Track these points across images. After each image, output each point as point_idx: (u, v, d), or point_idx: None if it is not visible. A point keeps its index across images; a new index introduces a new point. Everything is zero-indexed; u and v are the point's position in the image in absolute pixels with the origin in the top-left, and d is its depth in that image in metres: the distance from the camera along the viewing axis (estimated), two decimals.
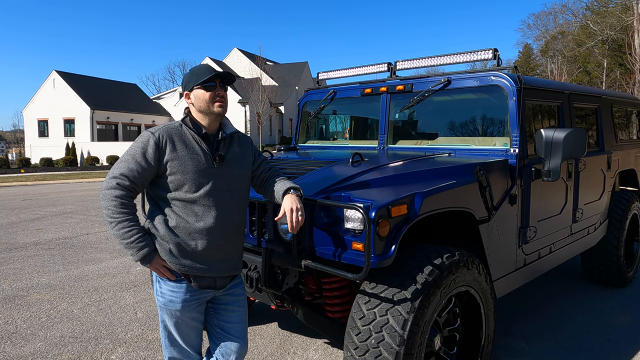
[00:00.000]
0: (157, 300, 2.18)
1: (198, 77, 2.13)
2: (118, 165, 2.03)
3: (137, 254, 2.01)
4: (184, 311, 2.15)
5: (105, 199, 1.99)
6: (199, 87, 2.13)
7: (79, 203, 11.73)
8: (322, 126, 4.98)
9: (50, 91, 38.08)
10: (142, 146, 2.04)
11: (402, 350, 2.21)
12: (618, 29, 30.84)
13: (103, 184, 2.02)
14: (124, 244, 2.01)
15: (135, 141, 2.07)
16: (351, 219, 2.33)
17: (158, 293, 2.17)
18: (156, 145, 2.03)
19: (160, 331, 2.27)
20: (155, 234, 2.09)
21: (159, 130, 2.09)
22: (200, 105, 2.14)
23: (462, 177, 2.79)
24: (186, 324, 2.20)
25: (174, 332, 2.21)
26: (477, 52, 3.50)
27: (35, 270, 5.75)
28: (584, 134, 3.13)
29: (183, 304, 2.13)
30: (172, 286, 2.12)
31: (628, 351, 3.55)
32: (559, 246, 3.83)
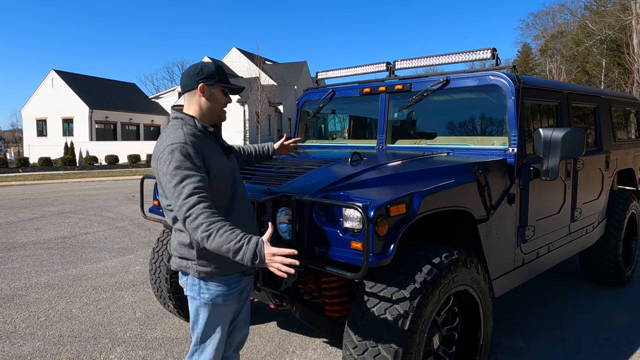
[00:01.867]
0: (201, 298, 2.12)
1: (223, 79, 2.12)
2: (182, 189, 1.89)
3: (249, 248, 1.82)
4: (229, 304, 2.18)
5: (195, 219, 1.85)
6: (220, 89, 2.13)
7: (78, 202, 11.72)
8: (321, 125, 4.98)
9: (48, 90, 38.05)
10: (184, 157, 1.94)
11: (401, 349, 2.22)
12: (616, 29, 30.87)
13: (181, 216, 1.87)
14: (232, 246, 1.82)
15: (173, 160, 1.92)
16: (350, 218, 2.34)
17: (202, 291, 2.11)
18: (194, 149, 1.98)
19: (195, 333, 2.20)
20: None
21: (184, 136, 2.00)
22: (214, 105, 2.13)
23: (461, 176, 2.79)
24: (227, 318, 2.22)
25: (216, 327, 2.19)
26: (475, 51, 3.50)
27: (34, 269, 5.75)
28: (582, 134, 3.13)
29: (228, 296, 2.16)
30: (219, 281, 2.12)
31: (626, 350, 3.56)
32: (558, 245, 3.84)
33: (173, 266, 2.21)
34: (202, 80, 2.10)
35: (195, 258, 2.09)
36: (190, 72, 2.13)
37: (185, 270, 2.15)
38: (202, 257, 2.08)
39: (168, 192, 1.96)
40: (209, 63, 2.17)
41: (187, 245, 2.09)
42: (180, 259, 2.16)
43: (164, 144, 2.00)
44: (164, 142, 2.02)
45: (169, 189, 1.94)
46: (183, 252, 2.12)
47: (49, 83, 38.14)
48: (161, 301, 3.85)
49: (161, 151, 2.00)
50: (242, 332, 2.44)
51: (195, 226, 1.86)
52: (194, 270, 2.11)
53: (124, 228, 8.37)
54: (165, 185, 1.97)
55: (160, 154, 2.00)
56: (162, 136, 2.09)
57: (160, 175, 1.99)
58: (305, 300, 2.97)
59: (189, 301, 2.22)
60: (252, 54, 43.96)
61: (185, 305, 3.75)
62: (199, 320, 2.18)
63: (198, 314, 2.18)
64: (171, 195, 1.94)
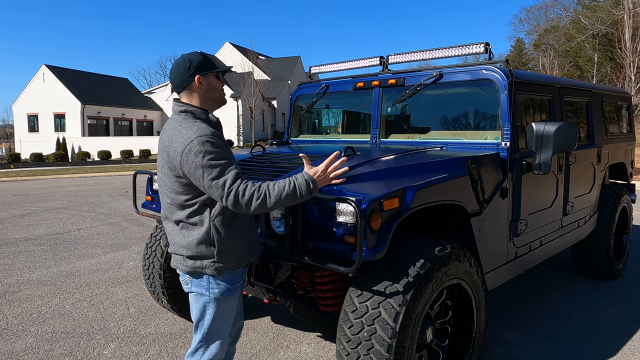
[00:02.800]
0: (210, 293, 2.11)
1: (213, 65, 2.12)
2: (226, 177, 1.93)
3: (300, 182, 2.02)
4: (234, 297, 2.21)
5: (244, 194, 1.92)
6: (214, 75, 2.13)
7: (70, 198, 11.65)
8: (314, 120, 4.96)
9: (40, 85, 37.69)
10: (218, 148, 1.97)
11: (394, 342, 2.23)
12: (608, 24, 31.00)
13: (231, 200, 1.92)
14: (289, 190, 1.98)
15: (208, 152, 1.93)
16: (343, 213, 2.34)
17: (212, 286, 2.11)
18: (216, 137, 2.00)
19: (201, 330, 2.19)
20: (226, 236, 2.07)
21: (208, 129, 2.01)
22: (213, 93, 2.14)
23: (454, 170, 2.80)
24: (233, 310, 2.24)
25: (223, 321, 2.20)
26: (468, 45, 3.50)
27: (26, 266, 5.71)
28: (574, 128, 3.15)
29: (236, 290, 2.19)
30: (229, 275, 2.14)
31: (617, 342, 3.60)
32: (550, 239, 3.87)
33: (183, 269, 2.14)
34: (196, 73, 2.08)
35: (214, 255, 2.06)
36: (180, 69, 2.09)
37: (200, 272, 2.10)
38: (221, 253, 2.07)
39: (206, 184, 1.94)
40: (194, 55, 2.13)
41: (205, 242, 2.05)
42: (193, 260, 2.09)
43: (189, 137, 1.96)
44: (187, 135, 1.98)
45: (208, 180, 1.93)
46: (200, 250, 2.06)
47: (40, 78, 37.75)
48: (155, 297, 3.84)
49: (187, 144, 1.95)
50: (237, 323, 2.46)
51: (248, 198, 1.93)
52: (211, 269, 2.07)
53: (117, 224, 8.33)
54: (201, 178, 1.94)
55: (187, 148, 1.95)
56: (179, 130, 2.02)
57: (192, 169, 1.94)
58: (299, 295, 2.98)
59: (193, 298, 2.19)
60: (245, 49, 43.72)
61: (178, 300, 3.75)
62: (206, 316, 2.16)
63: (205, 310, 2.16)
64: (211, 187, 1.94)
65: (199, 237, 2.05)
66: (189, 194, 2.04)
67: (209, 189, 1.95)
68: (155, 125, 42.54)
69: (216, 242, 2.05)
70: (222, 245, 2.06)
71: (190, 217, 2.06)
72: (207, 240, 2.05)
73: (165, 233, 3.68)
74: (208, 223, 2.04)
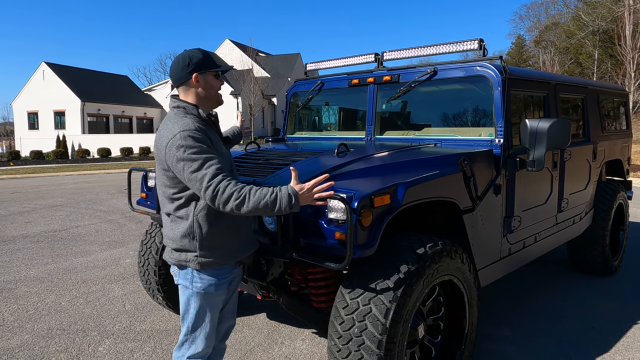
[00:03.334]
0: (193, 287, 2.15)
1: (213, 64, 2.14)
2: (205, 171, 1.93)
3: (283, 194, 1.97)
4: (219, 293, 2.21)
5: (224, 192, 1.91)
6: (212, 74, 2.15)
7: (69, 196, 11.66)
8: (311, 117, 4.96)
9: (39, 83, 37.68)
10: (200, 142, 1.98)
11: (385, 338, 2.23)
12: (609, 20, 30.92)
13: (209, 194, 1.92)
14: (269, 199, 1.94)
15: (189, 146, 1.95)
16: (334, 209, 2.34)
17: (195, 280, 2.14)
18: (200, 132, 2.01)
19: (186, 323, 2.22)
20: (209, 232, 2.08)
21: (192, 123, 2.03)
22: (210, 92, 2.16)
23: (446, 167, 2.80)
24: (217, 307, 2.25)
25: (207, 316, 2.21)
26: (463, 42, 3.49)
27: (24, 263, 5.72)
28: (567, 124, 3.14)
29: (220, 286, 2.19)
30: (212, 271, 2.15)
31: (611, 338, 3.61)
32: (544, 235, 3.87)
33: (170, 260, 2.19)
34: (195, 70, 2.12)
35: (197, 249, 2.09)
36: (180, 65, 2.13)
37: (184, 264, 2.14)
38: (204, 248, 2.10)
39: (186, 177, 1.96)
40: (194, 52, 2.15)
41: (188, 235, 2.09)
42: (179, 253, 2.14)
43: (173, 131, 2.00)
44: (172, 129, 2.02)
45: (188, 174, 1.95)
46: (184, 243, 2.10)
47: (40, 75, 37.74)
48: (150, 293, 3.85)
49: (170, 139, 1.99)
50: (229, 322, 2.47)
51: (227, 197, 1.91)
52: (194, 262, 2.11)
53: (116, 221, 8.34)
54: (182, 171, 1.97)
55: (170, 142, 1.99)
56: (167, 125, 2.08)
57: (174, 162, 1.98)
58: (293, 291, 2.98)
59: (180, 291, 2.24)
60: (245, 46, 43.67)
61: (173, 297, 3.76)
62: (190, 309, 2.20)
63: (189, 303, 2.20)
64: (191, 180, 1.95)
65: (184, 231, 2.09)
66: (176, 187, 2.08)
67: (189, 182, 1.98)
68: (155, 123, 42.53)
69: (198, 236, 2.08)
70: (205, 241, 2.09)
71: (177, 210, 2.11)
72: (190, 234, 2.09)
73: (160, 229, 3.71)
74: (192, 217, 2.08)
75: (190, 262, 2.12)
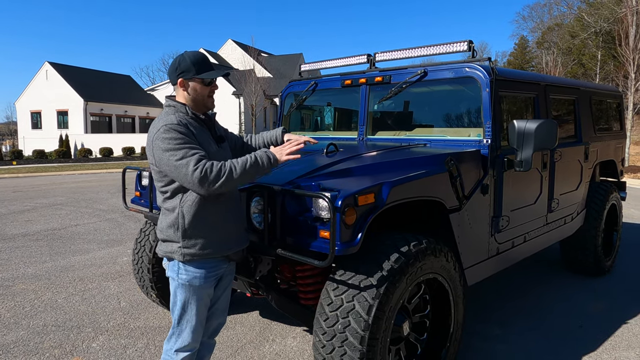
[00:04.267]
0: (179, 278, 2.23)
1: (200, 70, 2.20)
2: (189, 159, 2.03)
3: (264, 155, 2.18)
4: (204, 287, 2.27)
5: (211, 171, 2.03)
6: (198, 80, 2.22)
7: (70, 195, 11.74)
8: (307, 117, 5.00)
9: (43, 83, 37.85)
10: (182, 134, 2.08)
11: (367, 334, 2.28)
12: (611, 21, 30.86)
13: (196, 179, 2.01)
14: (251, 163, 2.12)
15: (171, 138, 2.05)
16: (319, 208, 2.38)
17: (181, 272, 2.23)
18: (187, 130, 2.13)
19: (174, 315, 2.30)
20: (192, 223, 2.16)
21: (177, 119, 2.13)
22: (196, 97, 2.25)
23: (433, 167, 2.84)
24: (203, 301, 2.30)
25: (192, 309, 2.28)
26: (452, 44, 3.53)
27: (22, 261, 5.79)
28: (555, 126, 3.17)
29: (205, 279, 2.25)
30: (198, 264, 2.22)
31: (598, 337, 3.64)
32: (534, 235, 3.90)
33: (159, 253, 2.30)
34: (180, 75, 2.21)
35: (180, 240, 2.18)
36: (171, 68, 2.25)
37: (170, 256, 2.24)
38: (187, 239, 2.18)
39: (172, 166, 2.06)
40: (186, 56, 2.23)
41: (173, 226, 2.18)
42: (166, 244, 2.25)
43: (157, 126, 2.12)
44: (157, 125, 2.14)
45: (172, 163, 2.05)
46: (169, 234, 2.20)
47: (43, 75, 37.91)
48: (144, 291, 3.91)
49: (155, 132, 2.11)
50: (219, 319, 2.51)
51: (216, 173, 2.03)
52: (178, 254, 2.20)
53: (114, 220, 8.40)
54: (166, 162, 2.07)
55: (155, 135, 2.11)
56: (155, 122, 2.20)
57: (159, 153, 2.09)
58: (282, 289, 3.03)
59: (170, 282, 2.32)
60: (247, 46, 43.75)
61: (167, 295, 3.78)
62: (177, 301, 2.29)
63: (176, 294, 2.28)
64: (177, 167, 2.04)
65: (169, 222, 2.20)
66: (162, 181, 2.19)
67: (176, 170, 2.06)
68: None
69: (181, 227, 2.16)
70: (188, 232, 2.17)
71: (164, 202, 2.23)
72: (174, 225, 2.18)
73: (154, 228, 3.76)
74: (178, 209, 2.17)
75: (175, 254, 2.22)
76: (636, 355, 3.38)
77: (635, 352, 3.42)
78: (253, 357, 3.35)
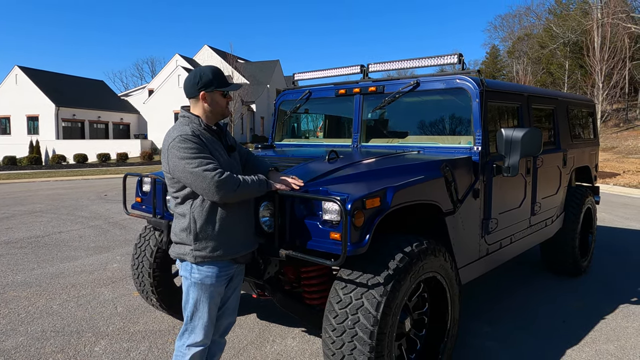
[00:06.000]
0: (192, 277, 2.37)
1: (221, 83, 2.37)
2: (205, 168, 2.20)
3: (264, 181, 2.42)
4: (216, 286, 2.40)
5: (228, 181, 2.21)
6: (219, 93, 2.39)
7: (48, 202, 11.54)
8: (294, 125, 5.14)
9: (12, 87, 36.92)
10: (197, 144, 2.24)
11: (376, 329, 2.42)
12: (578, 32, 32.10)
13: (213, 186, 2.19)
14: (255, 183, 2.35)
15: (188, 148, 2.22)
16: (329, 211, 2.52)
17: (193, 271, 2.36)
18: (201, 140, 2.28)
19: (186, 312, 2.44)
20: (203, 228, 2.31)
21: (191, 130, 2.29)
22: (216, 108, 2.41)
23: (430, 172, 3.02)
24: (214, 299, 2.43)
25: (204, 307, 2.40)
26: (443, 56, 3.74)
27: (9, 268, 5.72)
28: (539, 134, 3.40)
29: (217, 279, 2.39)
30: (210, 264, 2.36)
31: (580, 332, 3.88)
32: (519, 237, 4.13)
33: (172, 254, 2.44)
34: (202, 89, 2.37)
35: (191, 242, 2.32)
36: (191, 81, 2.40)
37: (182, 257, 2.38)
38: (198, 242, 2.32)
39: (185, 175, 2.22)
40: (206, 70, 2.40)
41: (186, 230, 2.33)
42: (178, 246, 2.40)
43: (173, 136, 2.28)
44: (172, 134, 2.29)
45: (188, 171, 2.21)
46: (182, 237, 2.35)
47: (12, 79, 36.99)
48: (144, 295, 3.96)
49: (170, 142, 2.27)
50: (229, 319, 2.63)
51: (230, 182, 2.23)
52: (190, 256, 2.34)
53: (99, 227, 8.34)
54: (182, 170, 2.22)
55: (170, 144, 2.26)
56: (170, 131, 2.35)
57: (175, 161, 2.24)
58: (286, 290, 3.15)
59: (182, 281, 2.46)
60: (224, 52, 43.65)
61: (167, 299, 3.89)
62: (189, 299, 2.42)
63: (189, 293, 2.42)
64: (191, 176, 2.21)
65: (182, 226, 2.35)
66: (174, 187, 2.35)
67: (191, 177, 2.22)
68: (131, 128, 42.04)
69: (192, 230, 2.32)
70: (199, 235, 2.32)
71: (177, 207, 2.39)
72: (187, 229, 2.33)
73: (154, 233, 3.83)
74: (189, 214, 2.32)
75: (187, 256, 2.36)
76: (615, 347, 3.62)
77: (614, 344, 3.67)
78: (256, 358, 3.45)
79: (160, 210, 3.41)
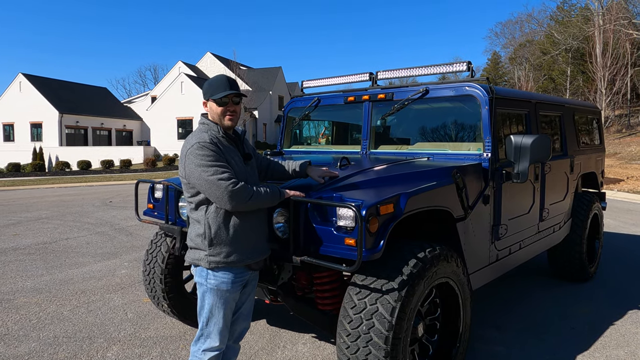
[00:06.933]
0: (207, 283, 2.42)
1: (213, 92, 2.43)
2: (220, 176, 2.27)
3: (277, 191, 2.48)
4: (231, 291, 2.45)
5: (242, 190, 2.29)
6: (214, 101, 2.43)
7: (54, 208, 11.59)
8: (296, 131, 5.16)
9: (16, 94, 37.17)
10: (214, 152, 2.31)
11: (391, 334, 2.45)
12: (580, 39, 32.21)
13: (226, 194, 2.26)
14: (269, 194, 2.42)
15: (205, 155, 2.28)
16: (344, 217, 2.55)
17: (209, 277, 2.41)
18: (218, 148, 2.34)
19: (201, 318, 2.48)
20: (217, 234, 2.36)
21: (209, 137, 2.36)
22: (213, 116, 2.47)
23: (441, 179, 3.06)
24: (229, 304, 2.47)
25: (219, 312, 2.45)
26: (452, 64, 3.79)
27: (18, 274, 5.76)
28: (548, 140, 3.44)
29: (232, 284, 2.44)
30: (224, 270, 2.41)
31: (589, 338, 3.89)
32: (528, 243, 4.15)
33: (187, 260, 2.49)
34: (204, 97, 2.50)
35: (206, 247, 2.37)
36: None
37: (197, 263, 2.43)
38: (213, 247, 2.37)
39: (201, 182, 2.28)
40: (210, 79, 2.50)
41: (201, 235, 2.39)
42: (193, 251, 2.45)
43: (191, 143, 2.35)
44: (191, 141, 2.37)
45: (204, 178, 2.27)
46: (197, 242, 2.41)
47: (16, 87, 37.23)
48: (155, 301, 3.98)
49: (189, 148, 2.34)
50: (243, 324, 2.67)
51: (245, 192, 2.30)
52: (205, 261, 2.39)
53: (105, 233, 8.38)
54: (197, 177, 2.29)
55: (188, 151, 2.33)
56: (189, 138, 2.43)
57: (192, 168, 2.31)
58: (298, 295, 3.17)
59: (197, 287, 2.50)
60: (227, 59, 43.90)
61: (179, 305, 3.91)
62: (205, 305, 2.46)
63: (204, 299, 2.46)
64: (206, 183, 2.27)
65: (198, 231, 2.41)
66: (189, 192, 2.42)
67: (207, 184, 2.28)
68: (134, 135, 42.20)
69: (207, 236, 2.37)
70: (214, 241, 2.37)
71: (192, 212, 2.45)
72: (202, 234, 2.39)
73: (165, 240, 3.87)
74: (204, 220, 2.38)
75: (201, 261, 2.41)
76: (625, 353, 3.63)
77: (624, 350, 3.68)
78: None
79: (173, 217, 3.45)
